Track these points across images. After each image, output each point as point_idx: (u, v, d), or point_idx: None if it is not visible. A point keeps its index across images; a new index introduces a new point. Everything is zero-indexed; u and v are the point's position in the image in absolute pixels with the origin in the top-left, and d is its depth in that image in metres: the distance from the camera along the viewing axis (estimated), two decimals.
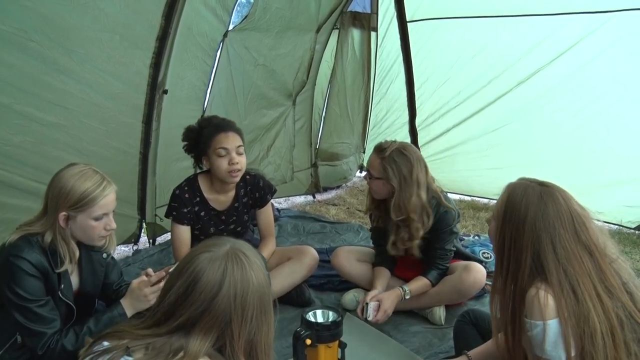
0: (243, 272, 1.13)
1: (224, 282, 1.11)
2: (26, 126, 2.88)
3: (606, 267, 1.53)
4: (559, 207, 1.56)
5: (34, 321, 1.86)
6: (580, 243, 1.53)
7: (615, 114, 4.29)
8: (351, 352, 2.24)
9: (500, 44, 4.63)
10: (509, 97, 4.73)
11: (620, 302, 1.48)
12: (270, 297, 1.17)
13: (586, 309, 1.45)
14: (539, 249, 1.55)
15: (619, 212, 4.39)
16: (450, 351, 2.53)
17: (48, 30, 2.79)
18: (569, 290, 1.48)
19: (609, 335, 1.42)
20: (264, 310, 1.14)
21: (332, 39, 5.53)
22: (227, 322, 1.10)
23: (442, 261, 2.84)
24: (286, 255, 3.10)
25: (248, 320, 1.11)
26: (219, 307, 1.11)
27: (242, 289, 1.11)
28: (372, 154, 2.81)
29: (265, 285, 1.16)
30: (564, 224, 1.54)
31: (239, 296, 1.11)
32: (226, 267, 1.14)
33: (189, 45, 3.81)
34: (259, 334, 1.13)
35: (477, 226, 4.63)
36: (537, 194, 1.59)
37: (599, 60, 4.18)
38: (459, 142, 5.02)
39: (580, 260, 1.51)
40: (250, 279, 1.13)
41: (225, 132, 2.79)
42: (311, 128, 5.68)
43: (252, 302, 1.12)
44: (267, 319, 1.14)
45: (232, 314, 1.10)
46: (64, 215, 1.90)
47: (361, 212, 5.22)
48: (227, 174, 2.78)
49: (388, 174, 2.68)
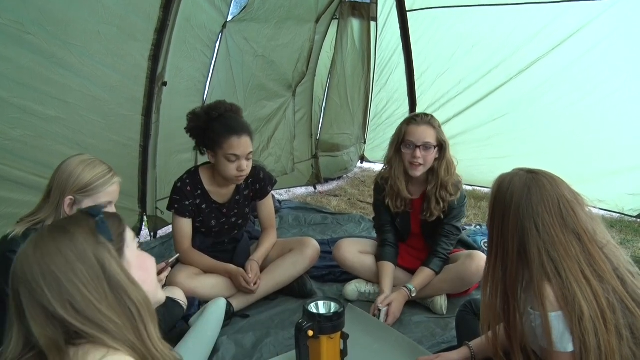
0: (40, 252, 1.09)
1: (27, 270, 1.08)
2: (25, 120, 2.87)
3: (595, 252, 1.52)
4: (543, 192, 1.55)
5: None
6: (567, 228, 1.53)
7: (616, 101, 4.27)
8: (353, 343, 2.24)
9: (500, 33, 4.61)
10: (509, 86, 4.72)
11: (611, 286, 1.47)
12: (85, 257, 1.09)
13: (572, 292, 1.44)
14: (522, 235, 1.55)
15: (621, 200, 4.39)
16: (452, 341, 2.53)
17: (45, 23, 2.77)
18: (555, 275, 1.48)
19: (599, 319, 1.41)
20: (77, 280, 1.06)
21: (331, 29, 5.51)
22: (48, 308, 1.05)
23: (447, 241, 2.86)
24: (288, 247, 3.10)
25: (61, 300, 1.05)
26: (28, 298, 1.06)
27: (43, 270, 1.06)
28: (421, 126, 2.78)
29: (72, 249, 1.08)
30: (549, 209, 1.53)
31: (44, 276, 1.06)
32: (26, 256, 1.11)
33: (188, 37, 3.80)
34: (86, 304, 1.06)
35: (479, 216, 4.63)
36: (523, 181, 1.59)
37: (599, 48, 4.16)
38: (460, 131, 5.00)
39: (567, 245, 1.50)
40: (49, 255, 1.07)
41: (238, 136, 2.69)
42: (311, 119, 5.68)
43: (59, 280, 1.06)
44: (85, 286, 1.06)
45: (48, 300, 1.05)
46: (70, 200, 1.92)
47: (362, 202, 5.23)
48: (233, 178, 2.77)
49: (441, 137, 2.79)
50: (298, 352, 2.14)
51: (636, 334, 1.44)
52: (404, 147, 2.81)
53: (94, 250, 1.10)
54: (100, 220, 1.15)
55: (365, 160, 6.84)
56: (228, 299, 2.78)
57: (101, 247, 1.11)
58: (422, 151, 2.75)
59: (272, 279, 2.96)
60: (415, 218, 2.97)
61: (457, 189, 2.83)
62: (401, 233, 3.06)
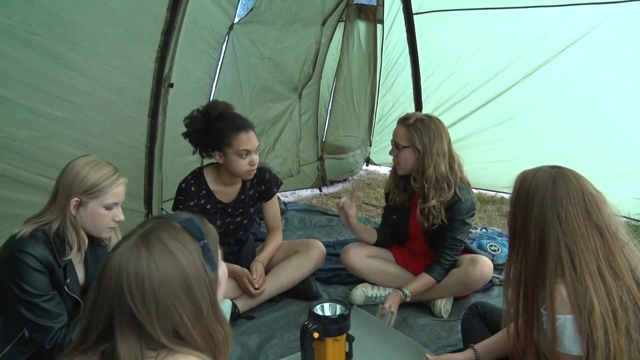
0: (137, 265, 1.03)
1: (117, 280, 1.03)
2: (32, 121, 2.88)
3: (616, 249, 1.51)
4: (569, 184, 1.55)
5: (41, 316, 1.86)
6: (591, 221, 1.52)
7: (623, 105, 4.25)
8: (359, 346, 2.24)
9: (506, 36, 4.60)
10: (516, 89, 4.70)
11: (626, 285, 1.46)
12: (192, 283, 1.06)
13: (584, 287, 1.43)
14: (544, 227, 1.54)
15: (627, 204, 4.35)
16: (458, 344, 2.53)
17: (53, 24, 2.78)
18: (570, 268, 1.47)
19: (610, 317, 1.40)
20: (178, 302, 1.04)
21: (337, 32, 5.52)
22: (135, 322, 1.02)
23: (450, 252, 2.81)
24: (293, 249, 3.10)
25: (154, 317, 1.02)
26: (119, 307, 1.02)
27: (138, 284, 1.02)
28: (397, 126, 2.83)
29: (177, 274, 1.05)
30: (573, 201, 1.52)
31: (137, 294, 1.02)
32: (122, 260, 1.05)
33: (195, 38, 3.81)
34: (180, 326, 1.04)
35: (484, 219, 4.62)
36: (548, 174, 1.59)
37: (605, 52, 4.14)
38: (466, 135, 4.99)
39: (588, 238, 1.49)
40: (147, 271, 1.03)
41: (246, 131, 2.73)
42: (317, 121, 5.68)
43: (154, 299, 1.03)
44: (184, 310, 1.04)
45: (136, 313, 1.01)
46: (75, 201, 1.91)
47: (368, 205, 5.22)
48: (245, 173, 2.79)
49: (414, 140, 2.72)
50: (303, 354, 2.13)
51: None
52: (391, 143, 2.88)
53: (199, 284, 1.08)
54: (206, 247, 1.11)
55: (370, 162, 6.83)
56: (233, 300, 2.78)
57: (203, 281, 1.09)
58: (394, 149, 2.81)
59: (278, 280, 2.96)
60: (414, 217, 2.94)
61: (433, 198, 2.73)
62: (398, 232, 3.07)
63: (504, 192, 5.16)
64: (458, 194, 2.75)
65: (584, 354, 1.43)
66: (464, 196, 2.77)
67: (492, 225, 4.38)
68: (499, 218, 4.65)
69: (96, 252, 2.15)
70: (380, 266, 3.04)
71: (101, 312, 1.04)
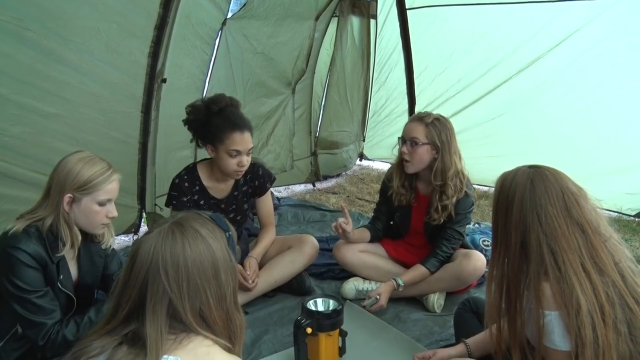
0: (173, 246, 1.13)
1: (152, 259, 1.11)
2: (24, 117, 2.87)
3: (598, 244, 1.52)
4: (547, 184, 1.56)
5: (34, 312, 1.86)
6: (572, 219, 1.53)
7: (615, 101, 4.27)
8: (352, 340, 2.26)
9: (499, 31, 4.60)
10: (508, 85, 4.71)
11: (611, 279, 1.47)
12: (220, 266, 1.16)
13: (570, 285, 1.44)
14: (525, 229, 1.55)
15: (619, 199, 4.39)
16: (450, 339, 2.54)
17: (45, 19, 2.77)
18: (554, 269, 1.48)
19: (597, 313, 1.41)
20: (206, 282, 1.13)
21: (331, 27, 5.50)
22: (167, 299, 1.10)
23: (448, 244, 2.84)
24: (286, 244, 3.11)
25: (186, 295, 1.11)
26: (154, 284, 1.10)
27: (173, 264, 1.11)
28: (412, 122, 2.84)
29: (208, 256, 1.15)
30: (552, 201, 1.54)
31: (171, 271, 1.11)
32: (157, 242, 1.14)
33: (188, 33, 3.79)
34: (205, 306, 1.13)
35: (477, 214, 4.64)
36: (526, 175, 1.60)
37: (598, 48, 4.15)
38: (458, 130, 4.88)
39: (570, 236, 1.51)
40: (181, 251, 1.12)
41: (241, 131, 2.70)
42: (311, 116, 5.67)
43: (186, 276, 1.11)
44: (211, 291, 1.13)
45: (169, 290, 1.10)
46: (69, 197, 1.91)
47: (361, 200, 5.23)
48: (233, 172, 2.78)
49: (434, 137, 2.75)
50: (297, 349, 2.15)
51: (633, 331, 1.44)
52: (399, 141, 2.88)
53: (225, 270, 1.18)
54: (230, 238, 1.22)
55: (364, 157, 6.83)
56: None
57: (229, 268, 1.19)
58: (408, 147, 2.80)
59: (271, 276, 2.97)
60: (418, 214, 2.98)
61: (454, 195, 2.79)
62: (399, 228, 3.08)
63: None
64: (466, 188, 2.83)
65: (572, 351, 1.44)
66: (469, 191, 2.85)
67: (485, 220, 4.40)
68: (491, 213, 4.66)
69: (89, 248, 2.15)
70: (372, 261, 3.06)
71: (133, 291, 1.12)
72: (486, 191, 5.26)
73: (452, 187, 2.77)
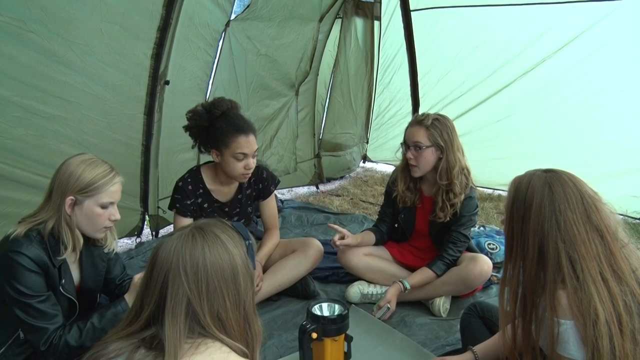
0: (193, 248, 1.15)
1: (172, 260, 1.14)
2: (27, 119, 2.86)
3: (617, 251, 1.48)
4: (566, 189, 1.51)
5: (36, 317, 1.84)
6: (591, 224, 1.48)
7: (621, 103, 4.25)
8: (357, 345, 2.23)
9: (504, 33, 4.58)
10: (513, 87, 4.69)
11: (629, 288, 1.43)
12: (238, 271, 1.18)
13: (588, 295, 1.40)
14: (542, 237, 1.50)
15: (624, 202, 4.36)
16: (456, 343, 2.52)
17: (47, 21, 2.76)
18: (572, 277, 1.44)
19: (614, 323, 1.37)
20: (225, 286, 1.15)
21: (335, 28, 5.50)
22: (186, 300, 1.12)
23: (454, 247, 2.83)
24: (291, 248, 3.08)
25: (204, 296, 1.13)
26: (173, 285, 1.12)
27: (192, 265, 1.13)
28: (412, 127, 2.83)
29: (227, 260, 1.17)
30: (572, 206, 1.49)
31: (191, 272, 1.13)
32: (177, 244, 1.16)
33: (191, 35, 3.78)
34: (222, 309, 1.14)
35: (482, 217, 4.61)
36: (542, 180, 1.55)
37: (604, 50, 4.13)
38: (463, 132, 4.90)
39: (589, 243, 1.46)
40: (201, 253, 1.14)
41: (246, 135, 2.67)
42: (314, 118, 5.66)
43: (205, 278, 1.13)
44: (229, 294, 1.15)
45: (188, 291, 1.12)
46: (71, 200, 1.89)
47: (365, 202, 5.21)
48: (240, 176, 2.76)
49: (437, 138, 2.75)
50: (302, 354, 2.12)
51: None
52: (402, 146, 2.88)
53: (244, 277, 1.20)
54: (250, 247, 1.24)
55: (367, 160, 6.82)
56: None
57: (247, 275, 1.21)
58: (413, 152, 2.79)
59: (275, 279, 2.95)
60: (422, 215, 2.97)
61: (461, 192, 2.79)
62: (403, 229, 3.06)
63: (501, 190, 5.16)
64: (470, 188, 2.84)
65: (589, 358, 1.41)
66: (472, 193, 2.85)
67: (490, 223, 4.38)
68: (496, 216, 4.65)
69: (91, 251, 2.13)
70: (377, 264, 3.04)
71: (154, 293, 1.15)
72: (490, 194, 5.24)
73: (458, 185, 2.77)
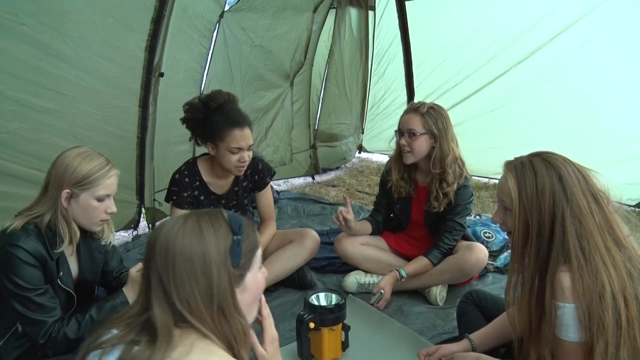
0: (170, 231, 1.15)
1: (154, 240, 1.16)
2: (21, 113, 2.84)
3: (610, 214, 1.53)
4: (566, 165, 1.56)
5: (34, 310, 1.84)
6: (589, 192, 1.53)
7: (615, 91, 4.26)
8: (354, 334, 2.25)
9: (498, 22, 4.58)
10: (509, 76, 4.69)
11: (628, 252, 1.48)
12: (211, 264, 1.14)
13: (595, 267, 1.43)
14: (553, 218, 1.52)
15: (619, 189, 4.32)
16: (453, 331, 2.53)
17: (40, 13, 2.74)
18: (578, 253, 1.46)
19: (620, 293, 1.41)
20: (193, 275, 1.12)
21: (329, 19, 5.47)
22: (159, 280, 1.13)
23: (449, 236, 2.85)
24: (287, 238, 3.09)
25: (172, 280, 1.12)
26: (153, 264, 1.14)
27: (164, 247, 1.13)
28: (407, 114, 2.85)
29: (199, 250, 1.14)
30: (574, 180, 1.53)
31: (163, 253, 1.13)
32: (162, 226, 1.18)
33: (185, 27, 3.77)
34: (192, 299, 1.12)
35: (478, 205, 4.63)
36: (543, 165, 1.57)
37: (598, 38, 4.13)
38: (458, 122, 4.90)
39: (591, 214, 1.50)
40: (174, 238, 1.14)
41: (241, 128, 2.68)
42: (309, 109, 5.65)
43: (172, 262, 1.12)
44: (197, 284, 1.12)
45: (159, 271, 1.12)
46: (67, 193, 1.89)
47: (361, 192, 5.22)
48: (234, 169, 2.76)
49: (431, 126, 2.76)
50: (299, 343, 2.14)
51: None
52: (396, 133, 2.89)
53: (218, 270, 1.15)
54: (236, 242, 1.18)
55: (363, 150, 6.82)
56: None
57: (224, 270, 1.16)
58: (407, 138, 2.80)
59: (272, 270, 2.96)
60: (418, 205, 2.99)
61: (454, 181, 2.80)
62: (400, 219, 3.07)
63: (496, 179, 5.15)
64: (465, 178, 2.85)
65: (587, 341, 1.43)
66: (467, 182, 2.86)
67: (486, 211, 4.39)
68: (492, 204, 4.66)
69: (89, 244, 2.13)
70: (374, 254, 3.05)
71: (147, 272, 1.17)
72: (486, 183, 5.26)
73: (451, 174, 2.79)
